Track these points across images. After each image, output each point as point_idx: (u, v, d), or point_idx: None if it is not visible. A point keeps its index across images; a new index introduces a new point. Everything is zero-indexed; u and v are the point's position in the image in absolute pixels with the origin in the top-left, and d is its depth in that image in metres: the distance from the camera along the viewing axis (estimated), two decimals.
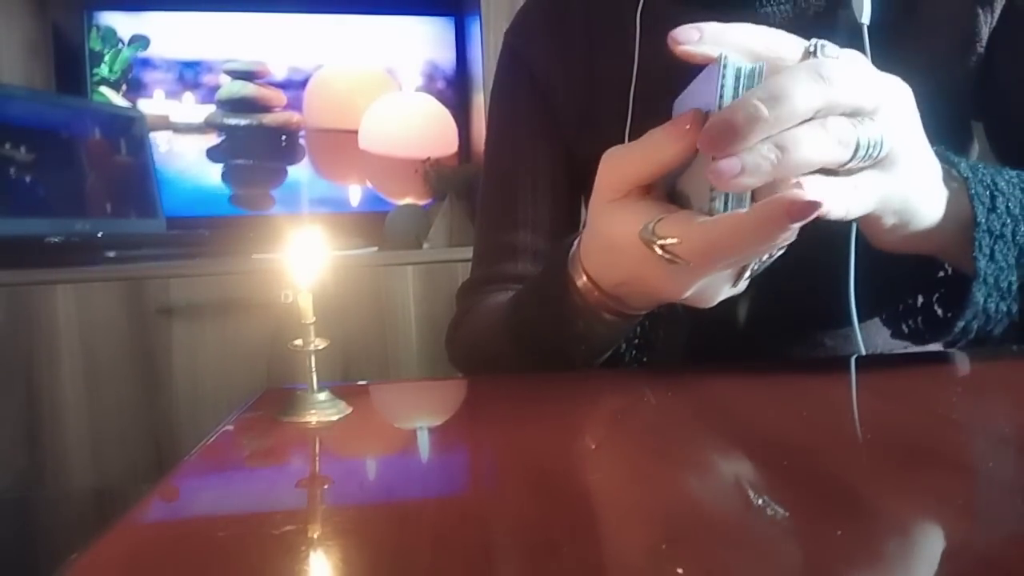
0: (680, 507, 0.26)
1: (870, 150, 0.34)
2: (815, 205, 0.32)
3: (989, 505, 0.25)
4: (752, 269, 0.40)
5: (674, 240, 0.36)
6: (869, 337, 0.59)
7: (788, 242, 0.36)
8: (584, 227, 0.45)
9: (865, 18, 0.51)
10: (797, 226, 0.33)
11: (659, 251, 0.37)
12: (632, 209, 0.39)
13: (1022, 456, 0.29)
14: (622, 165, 0.39)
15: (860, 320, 0.53)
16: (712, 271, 0.38)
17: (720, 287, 0.40)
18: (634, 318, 0.47)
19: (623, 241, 0.39)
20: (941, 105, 0.40)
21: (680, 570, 0.20)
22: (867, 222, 0.40)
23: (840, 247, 0.52)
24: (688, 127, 0.35)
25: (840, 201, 0.34)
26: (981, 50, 0.57)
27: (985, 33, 0.57)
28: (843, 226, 0.53)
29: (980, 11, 0.56)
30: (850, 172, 0.35)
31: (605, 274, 0.43)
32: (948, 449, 0.31)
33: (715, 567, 0.21)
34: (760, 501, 0.26)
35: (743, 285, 0.41)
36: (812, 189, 0.33)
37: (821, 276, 0.53)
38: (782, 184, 0.34)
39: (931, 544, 0.23)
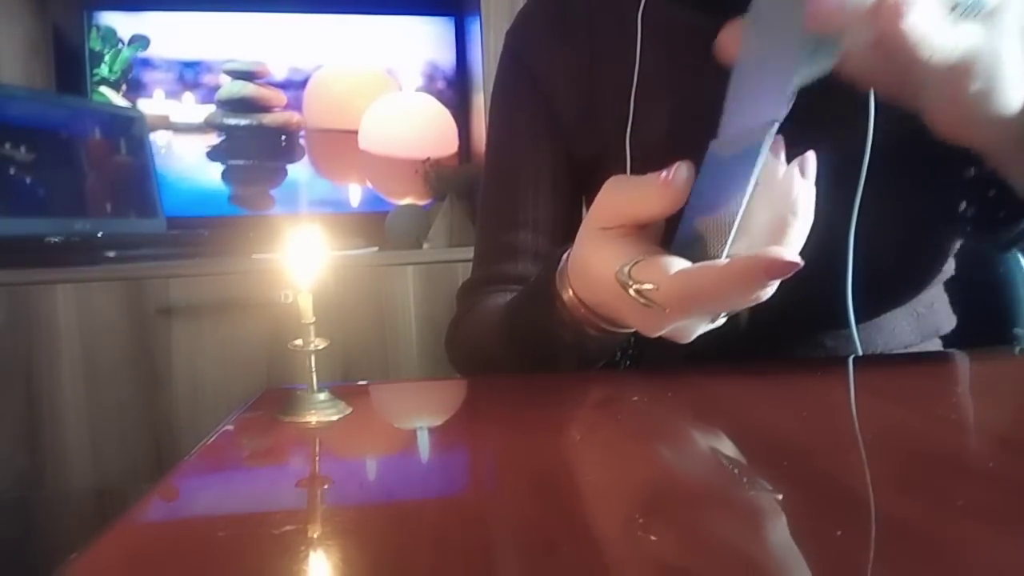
0: (679, 507, 0.26)
1: (973, 4, 0.34)
2: (794, 265, 0.32)
3: (989, 505, 0.25)
4: (729, 311, 0.40)
5: (650, 286, 0.36)
6: (869, 337, 0.59)
7: (762, 300, 0.36)
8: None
9: None
10: (775, 283, 0.33)
11: (634, 294, 0.37)
12: (616, 244, 0.39)
13: (1022, 456, 0.29)
14: (616, 202, 0.39)
15: (860, 321, 0.53)
16: (687, 318, 0.38)
17: (697, 325, 0.40)
18: (621, 335, 0.47)
19: (601, 276, 0.40)
20: None
21: (675, 565, 0.20)
22: (950, 86, 0.37)
23: (840, 248, 0.52)
24: (670, 181, 0.36)
25: (934, 35, 0.33)
26: None
27: None
28: (844, 227, 0.53)
29: None
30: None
31: (587, 296, 0.44)
32: (948, 449, 0.31)
33: (715, 566, 0.21)
34: (760, 501, 0.26)
35: (720, 322, 0.41)
36: (792, 251, 0.33)
37: (821, 276, 0.53)
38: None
39: (931, 545, 0.23)
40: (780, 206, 0.36)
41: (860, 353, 0.55)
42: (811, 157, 0.38)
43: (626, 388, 0.46)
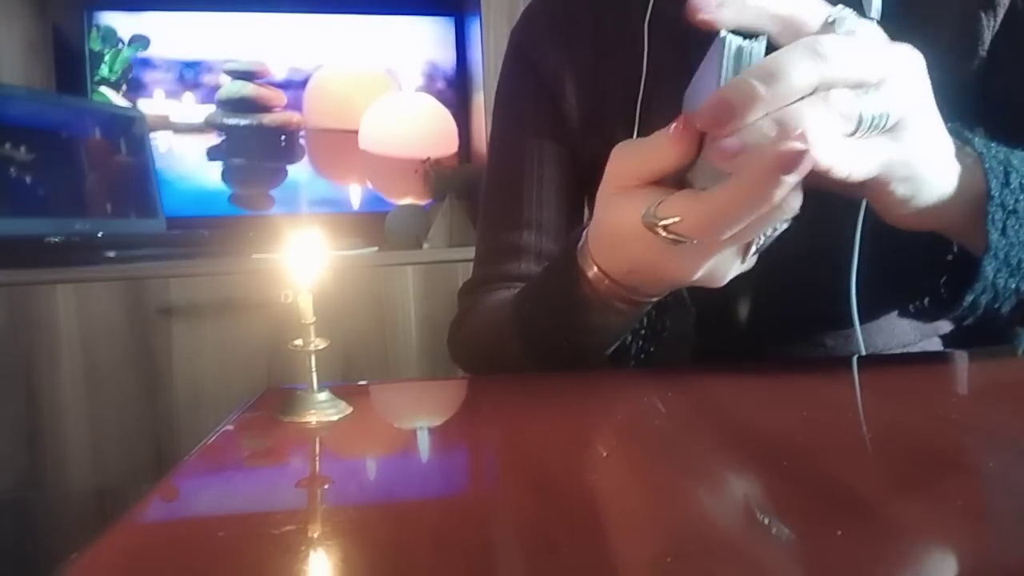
0: (680, 507, 0.26)
1: (875, 122, 0.34)
2: (803, 153, 0.32)
3: (989, 505, 0.25)
4: (758, 244, 0.40)
5: (676, 219, 0.36)
6: (869, 337, 0.59)
7: (789, 215, 0.36)
8: (590, 220, 0.45)
9: (875, 13, 0.51)
10: (792, 180, 0.33)
11: (663, 232, 0.37)
12: (635, 196, 0.39)
13: (1022, 457, 0.29)
14: (629, 162, 0.40)
15: (861, 321, 0.53)
16: (717, 246, 0.38)
17: (728, 265, 0.40)
18: (645, 306, 0.47)
19: (628, 229, 0.39)
20: (943, 107, 0.40)
21: (675, 565, 0.20)
22: (876, 194, 0.39)
23: (842, 247, 0.52)
24: (682, 129, 0.35)
25: (844, 160, 0.34)
26: (983, 53, 0.57)
27: (987, 37, 0.57)
28: (846, 226, 0.53)
29: (983, 14, 0.56)
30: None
31: (614, 264, 0.44)
32: (948, 449, 0.31)
33: (715, 566, 0.21)
34: (760, 501, 0.26)
35: (752, 261, 0.41)
36: (802, 139, 0.33)
37: (822, 276, 0.53)
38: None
39: (931, 545, 0.22)
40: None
41: (862, 353, 0.55)
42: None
43: (627, 387, 0.46)
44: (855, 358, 0.55)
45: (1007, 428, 0.34)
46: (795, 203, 0.35)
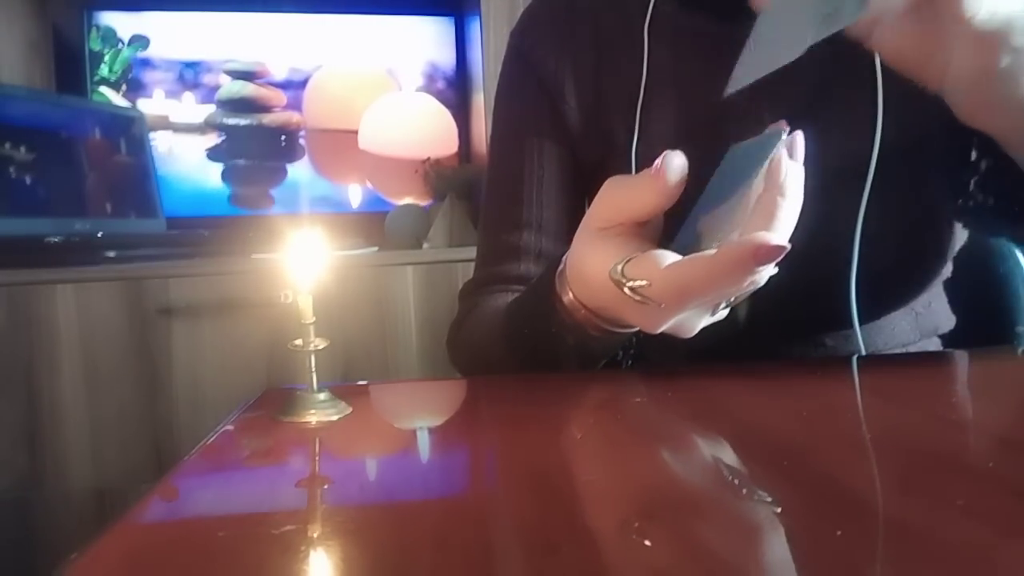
0: (680, 507, 0.26)
1: None
2: (781, 249, 0.32)
3: (989, 506, 0.25)
4: (729, 301, 0.40)
5: (643, 282, 0.36)
6: (868, 337, 0.59)
7: (758, 285, 0.36)
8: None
9: None
10: (764, 269, 0.33)
11: (628, 292, 0.37)
12: (610, 244, 0.39)
13: (1022, 456, 0.29)
14: (619, 199, 0.40)
15: (861, 321, 0.53)
16: (684, 311, 0.38)
17: (698, 319, 0.40)
18: (623, 335, 0.47)
19: (597, 276, 0.40)
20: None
21: (675, 565, 0.20)
22: (984, 51, 0.36)
23: (841, 248, 0.52)
24: (662, 171, 0.36)
25: None
26: None
27: None
28: (846, 226, 0.53)
29: None
30: None
31: (587, 299, 0.44)
32: (948, 449, 0.31)
33: (714, 566, 0.21)
34: (760, 501, 0.26)
35: (722, 314, 0.41)
36: (781, 234, 0.33)
37: (822, 276, 0.53)
38: None
39: (931, 545, 0.23)
40: (769, 189, 0.36)
41: (862, 352, 0.55)
42: (799, 138, 0.38)
43: (626, 388, 0.46)
44: (855, 358, 0.55)
45: (1007, 428, 0.34)
46: (764, 278, 0.35)
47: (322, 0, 1.82)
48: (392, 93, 1.85)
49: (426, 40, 1.88)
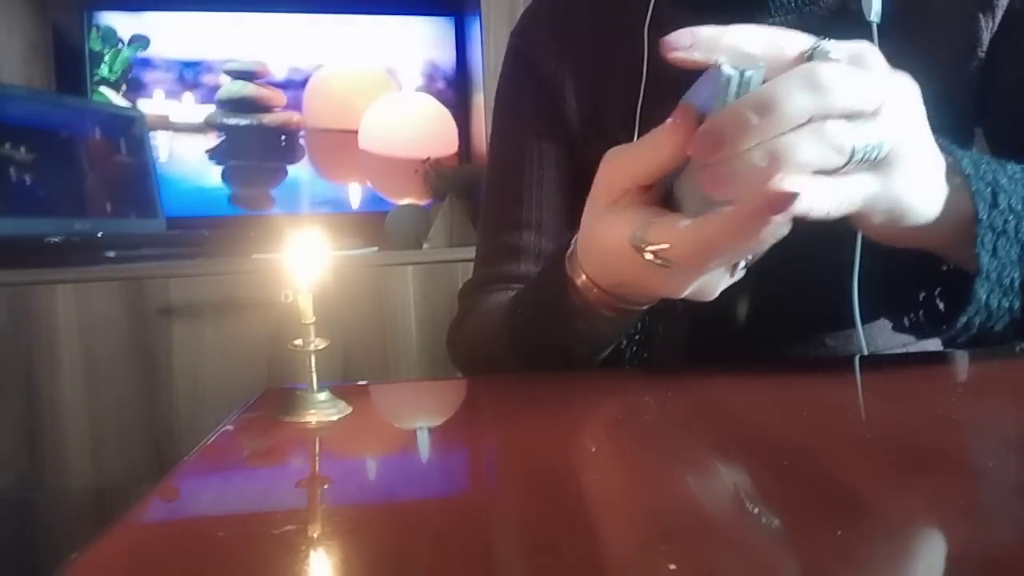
0: (679, 507, 0.26)
1: (867, 154, 0.34)
2: (793, 196, 0.32)
3: (990, 506, 0.25)
4: (747, 260, 0.40)
5: (663, 245, 0.36)
6: (870, 337, 0.59)
7: (778, 237, 0.36)
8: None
9: (875, 16, 0.51)
10: (781, 219, 0.33)
11: (650, 256, 0.37)
12: (623, 215, 0.39)
13: (1022, 456, 0.29)
14: (623, 165, 0.39)
15: (862, 321, 0.53)
16: (705, 271, 0.38)
17: (718, 280, 0.40)
18: (635, 313, 0.47)
19: (615, 247, 0.39)
20: (943, 108, 0.40)
21: (675, 568, 0.20)
22: (856, 219, 0.39)
23: (842, 247, 0.52)
24: (680, 123, 0.35)
25: (821, 199, 0.34)
26: (982, 55, 0.57)
27: (986, 38, 0.57)
28: (847, 226, 0.53)
29: (981, 16, 0.56)
30: (847, 174, 0.35)
31: (602, 276, 0.44)
32: (949, 449, 0.31)
33: (714, 566, 0.21)
34: (759, 501, 0.26)
35: (741, 274, 0.41)
36: (791, 181, 0.33)
37: (823, 276, 0.53)
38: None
39: (931, 545, 0.23)
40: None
41: (863, 353, 0.55)
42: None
43: (627, 387, 0.46)
44: (856, 358, 0.55)
45: (1007, 428, 0.34)
46: (784, 229, 0.35)
47: (322, 0, 1.82)
48: (392, 93, 1.85)
49: (426, 40, 1.88)
